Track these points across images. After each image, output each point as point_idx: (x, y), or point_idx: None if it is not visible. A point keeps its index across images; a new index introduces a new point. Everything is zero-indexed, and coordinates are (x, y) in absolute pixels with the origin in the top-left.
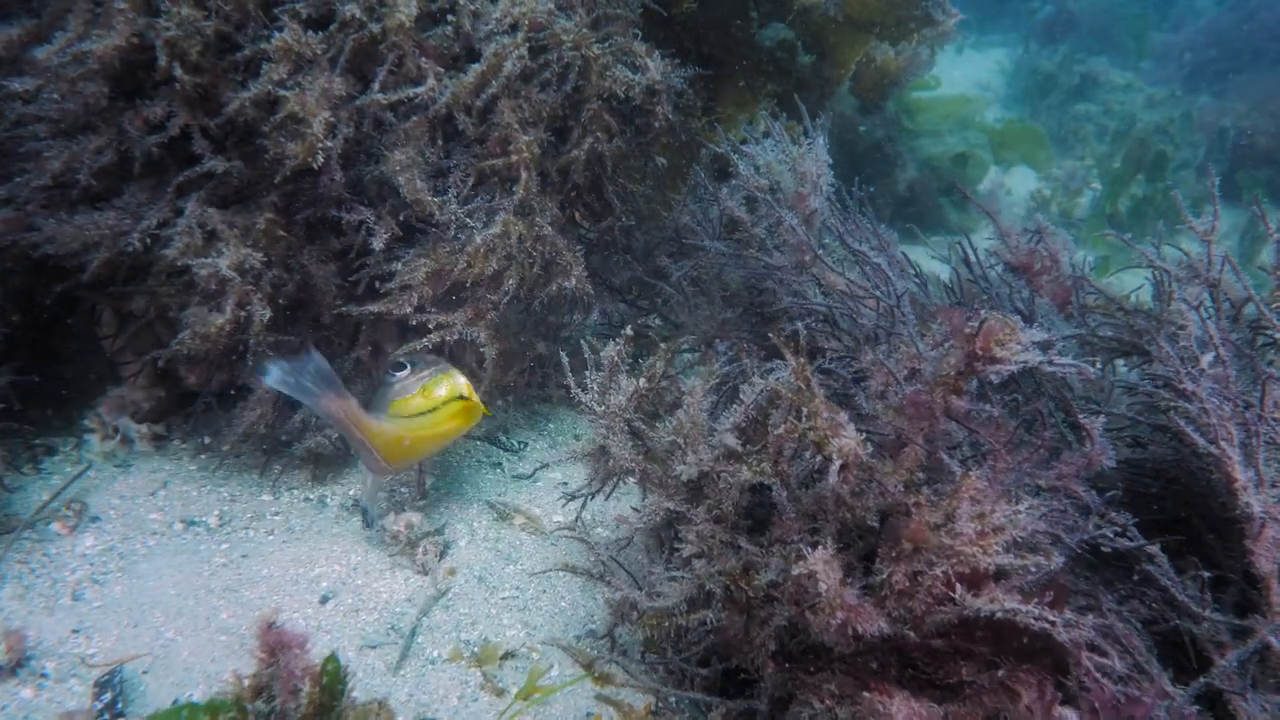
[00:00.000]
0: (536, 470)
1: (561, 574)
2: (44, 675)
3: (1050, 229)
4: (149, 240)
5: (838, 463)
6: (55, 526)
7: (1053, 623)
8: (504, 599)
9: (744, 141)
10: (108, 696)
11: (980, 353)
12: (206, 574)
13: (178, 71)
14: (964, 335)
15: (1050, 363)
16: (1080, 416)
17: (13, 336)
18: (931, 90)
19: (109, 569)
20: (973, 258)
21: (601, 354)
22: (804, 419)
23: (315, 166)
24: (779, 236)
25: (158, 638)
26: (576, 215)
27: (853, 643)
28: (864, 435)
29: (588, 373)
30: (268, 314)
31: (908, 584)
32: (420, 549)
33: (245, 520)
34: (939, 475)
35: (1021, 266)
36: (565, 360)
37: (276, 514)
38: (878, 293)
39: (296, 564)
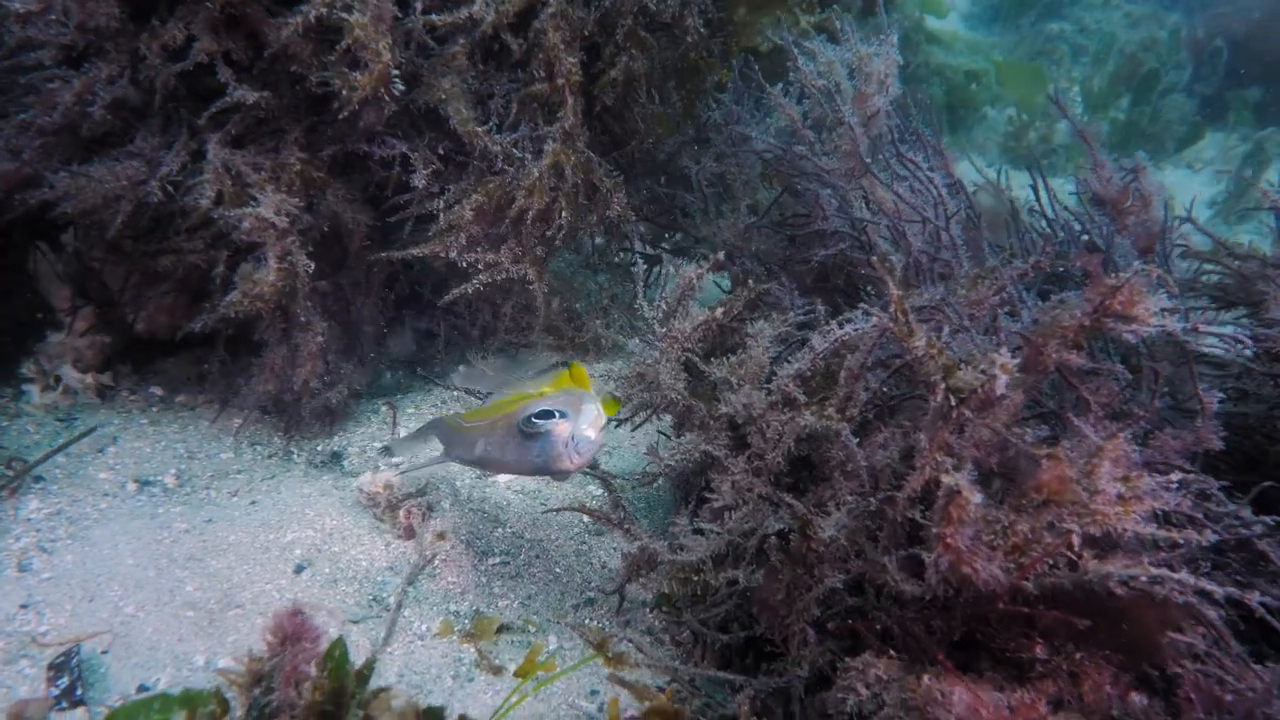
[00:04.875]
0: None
1: (555, 538)
2: None
3: (1147, 169)
4: (170, 188)
5: (1003, 377)
6: None
7: (1210, 593)
8: (494, 566)
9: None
10: (64, 681)
11: (1117, 308)
12: (168, 541)
13: None
14: (1105, 286)
15: (1195, 330)
16: (1200, 388)
17: None
18: (942, 18)
19: (58, 535)
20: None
21: (680, 273)
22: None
23: (388, 98)
24: (831, 142)
25: (116, 613)
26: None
27: (952, 590)
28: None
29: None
30: (310, 265)
31: (1028, 538)
32: (403, 511)
33: (205, 480)
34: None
35: (1111, 201)
36: (638, 270)
37: (239, 472)
38: (926, 213)
39: (266, 529)
